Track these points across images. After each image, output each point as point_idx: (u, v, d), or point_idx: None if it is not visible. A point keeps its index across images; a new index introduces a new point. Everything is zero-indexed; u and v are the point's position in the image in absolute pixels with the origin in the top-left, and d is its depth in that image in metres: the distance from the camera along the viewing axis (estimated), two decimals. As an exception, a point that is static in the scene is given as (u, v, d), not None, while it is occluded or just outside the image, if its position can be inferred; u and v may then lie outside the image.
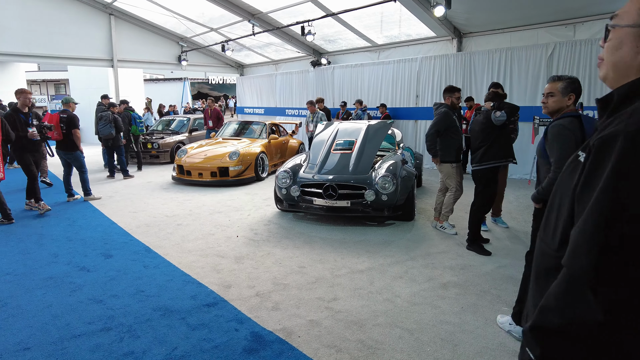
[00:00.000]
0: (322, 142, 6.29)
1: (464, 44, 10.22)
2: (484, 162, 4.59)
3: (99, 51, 13.96)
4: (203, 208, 6.72)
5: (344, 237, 5.21)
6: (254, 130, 10.33)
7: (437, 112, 5.07)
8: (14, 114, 6.18)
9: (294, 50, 13.64)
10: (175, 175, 8.76)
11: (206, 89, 34.50)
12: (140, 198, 7.50)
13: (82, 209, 6.75)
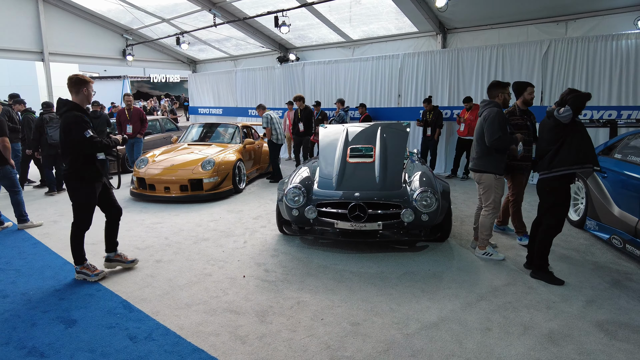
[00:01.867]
0: (333, 149, 5.14)
1: (448, 40, 9.51)
2: (553, 169, 3.71)
3: (25, 42, 11.65)
4: (182, 234, 5.29)
5: (380, 269, 4.11)
6: (223, 133, 8.88)
7: (488, 113, 4.10)
8: None
9: (257, 44, 12.26)
10: (134, 190, 7.13)
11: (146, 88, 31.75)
12: (94, 222, 5.81)
13: (17, 243, 5.04)
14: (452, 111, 9.23)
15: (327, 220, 4.41)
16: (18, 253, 4.69)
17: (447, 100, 9.28)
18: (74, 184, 3.86)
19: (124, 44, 13.62)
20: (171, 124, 12.19)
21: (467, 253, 4.57)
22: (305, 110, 8.95)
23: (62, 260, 4.45)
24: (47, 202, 7.15)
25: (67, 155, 3.83)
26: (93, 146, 3.82)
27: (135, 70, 33.76)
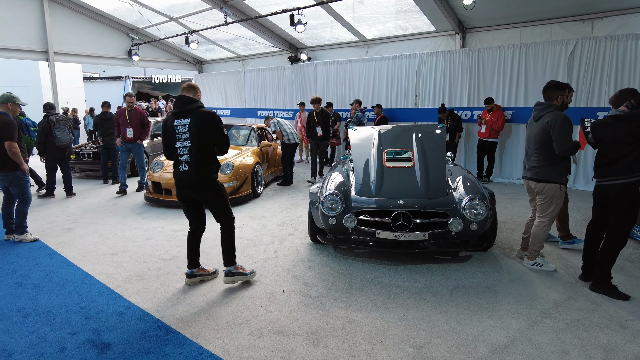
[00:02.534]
0: (366, 153, 4.83)
1: (467, 39, 9.23)
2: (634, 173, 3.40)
3: (30, 41, 11.28)
4: (207, 243, 4.96)
5: (428, 283, 3.81)
6: (237, 135, 8.57)
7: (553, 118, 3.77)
8: None
9: (267, 44, 11.95)
10: (149, 195, 6.80)
11: (147, 89, 31.28)
12: (110, 230, 5.54)
13: (32, 253, 4.71)
14: (472, 112, 8.95)
15: (367, 229, 4.11)
16: (35, 264, 4.36)
17: (466, 101, 9.00)
18: (216, 182, 3.71)
19: (130, 43, 13.27)
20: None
21: (514, 263, 4.28)
22: (322, 113, 8.33)
23: (82, 273, 4.13)
24: (58, 208, 6.81)
25: (204, 153, 3.57)
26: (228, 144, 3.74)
27: (136, 71, 33.39)
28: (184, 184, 3.64)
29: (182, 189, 3.69)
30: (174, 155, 3.63)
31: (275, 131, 8.06)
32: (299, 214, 6.18)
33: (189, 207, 3.81)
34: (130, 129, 7.51)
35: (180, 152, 3.58)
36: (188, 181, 3.59)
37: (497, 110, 8.26)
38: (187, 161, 3.57)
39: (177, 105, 3.59)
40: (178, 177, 3.66)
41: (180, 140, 3.57)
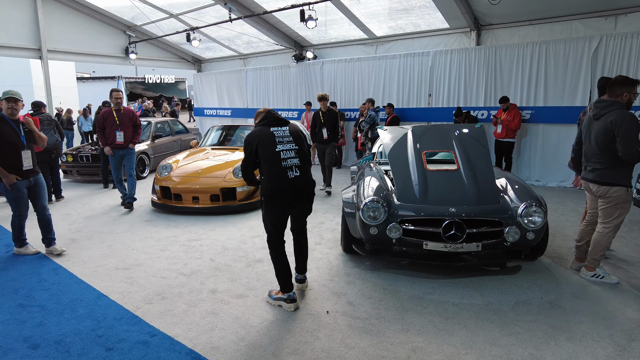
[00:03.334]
0: (403, 154, 4.41)
1: (482, 37, 8.89)
2: None
3: (22, 38, 10.67)
4: (228, 254, 4.51)
5: (485, 299, 3.41)
6: (240, 137, 8.10)
7: (619, 117, 3.40)
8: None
9: (270, 42, 11.49)
10: (157, 201, 6.30)
11: (140, 89, 30.56)
12: (119, 240, 5.05)
13: (34, 268, 4.20)
14: (488, 112, 8.60)
15: (413, 240, 3.69)
16: (38, 282, 3.86)
17: (482, 100, 8.66)
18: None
19: (127, 41, 12.70)
20: (180, 126, 11.33)
21: (569, 274, 3.90)
22: (330, 113, 7.33)
23: (93, 292, 3.64)
24: (58, 215, 6.27)
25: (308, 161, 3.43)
26: None
27: (129, 71, 32.64)
28: (296, 192, 3.22)
29: (289, 197, 3.20)
30: (275, 161, 3.16)
31: None
32: (320, 220, 5.74)
33: (284, 219, 3.31)
34: (120, 133, 6.24)
35: (286, 155, 3.19)
36: (301, 187, 3.23)
37: (513, 109, 7.92)
38: (297, 165, 3.21)
39: (269, 117, 3.37)
40: (286, 184, 3.16)
41: (284, 143, 3.21)
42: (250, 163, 3.29)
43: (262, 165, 3.22)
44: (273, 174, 3.17)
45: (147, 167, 9.24)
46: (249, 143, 3.25)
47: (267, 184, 3.19)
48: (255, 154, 3.22)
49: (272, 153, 3.18)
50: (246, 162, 3.31)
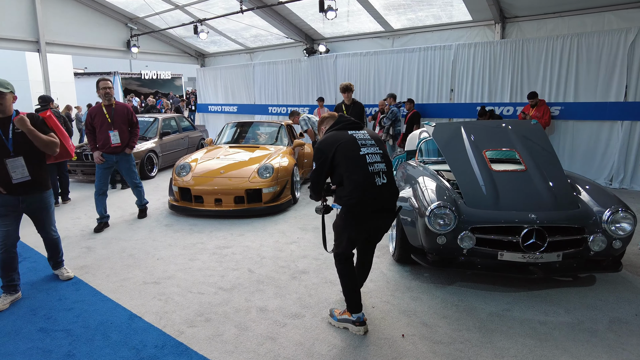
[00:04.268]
0: (460, 153, 3.98)
1: (507, 30, 8.48)
2: None
3: (19, 30, 10.02)
4: (267, 264, 4.05)
5: (573, 317, 3.00)
6: (264, 134, 7.62)
7: None
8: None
9: (280, 35, 10.97)
10: (174, 203, 5.80)
11: (135, 85, 29.75)
12: (140, 248, 4.55)
13: (51, 282, 3.71)
14: (514, 108, 8.22)
15: (486, 250, 3.27)
16: (58, 300, 3.36)
17: (508, 96, 8.26)
18: None
19: (128, 34, 12.08)
20: (186, 122, 10.78)
21: (651, 286, 3.51)
22: (356, 106, 6.50)
23: (124, 312, 3.16)
24: (67, 220, 5.74)
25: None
26: None
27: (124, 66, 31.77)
28: (385, 202, 2.79)
29: (377, 207, 2.75)
30: (360, 166, 2.74)
31: (307, 130, 7.14)
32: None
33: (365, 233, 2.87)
34: (115, 132, 5.03)
35: (372, 159, 2.76)
36: (390, 197, 2.81)
37: (542, 105, 7.54)
38: (383, 171, 2.78)
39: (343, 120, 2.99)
40: (374, 192, 2.72)
41: (367, 146, 2.81)
42: (323, 173, 2.83)
43: (343, 172, 2.75)
44: (358, 180, 2.71)
45: (156, 166, 8.71)
46: (322, 150, 2.81)
47: (351, 192, 2.71)
48: (330, 161, 2.77)
49: (356, 157, 2.75)
50: (318, 173, 2.84)
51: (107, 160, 5.09)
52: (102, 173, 5.11)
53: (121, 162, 5.23)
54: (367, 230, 2.84)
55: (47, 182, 3.47)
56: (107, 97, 5.03)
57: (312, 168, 2.95)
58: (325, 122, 3.17)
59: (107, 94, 4.99)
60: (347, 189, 2.74)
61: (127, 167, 5.30)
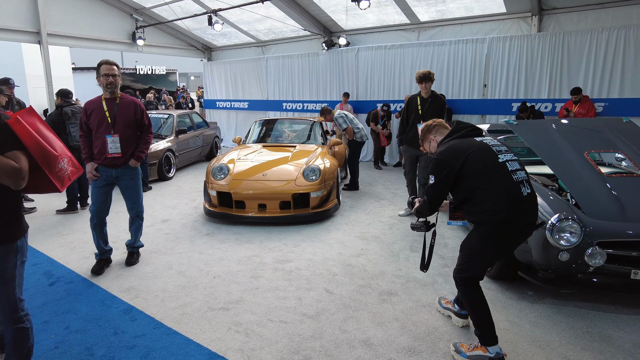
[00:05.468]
0: (559, 155, 3.50)
1: (543, 23, 8.05)
2: None
3: (19, 20, 9.22)
4: (344, 283, 3.53)
5: None
6: (297, 132, 7.08)
7: None
8: None
9: (296, 27, 10.37)
10: (213, 209, 5.22)
11: (128, 81, 28.70)
12: (187, 262, 3.98)
13: (96, 307, 3.12)
14: (552, 104, 7.81)
15: (616, 268, 2.81)
16: (114, 334, 2.79)
17: (545, 92, 7.85)
18: None
19: (134, 25, 11.32)
20: (200, 119, 10.14)
21: None
22: (435, 101, 4.99)
23: (202, 351, 2.61)
24: (92, 227, 5.12)
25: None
26: None
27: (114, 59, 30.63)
28: (532, 215, 2.37)
29: (527, 221, 2.35)
30: (502, 175, 2.32)
31: (346, 128, 6.60)
32: (415, 230, 4.80)
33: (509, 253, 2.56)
34: (114, 138, 3.61)
35: (512, 166, 2.37)
36: (536, 208, 2.40)
37: (586, 102, 7.15)
38: (526, 180, 2.38)
39: (464, 127, 2.58)
40: (522, 206, 2.30)
41: (502, 152, 2.42)
42: (446, 187, 2.43)
43: (477, 184, 2.32)
44: (502, 191, 2.27)
45: (173, 166, 8.08)
46: (445, 161, 2.39)
47: (495, 205, 2.26)
48: (456, 174, 2.35)
49: (494, 166, 2.32)
50: (440, 187, 2.43)
51: (103, 175, 3.66)
52: (98, 193, 3.68)
53: (123, 178, 3.74)
54: (513, 248, 2.40)
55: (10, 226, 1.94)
56: (111, 88, 3.59)
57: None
58: (434, 130, 2.73)
59: (110, 83, 3.57)
60: (488, 202, 2.28)
61: (130, 186, 3.78)
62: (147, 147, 3.86)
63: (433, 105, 4.93)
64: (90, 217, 3.73)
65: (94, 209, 3.72)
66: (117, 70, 3.63)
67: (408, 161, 5.22)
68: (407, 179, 5.32)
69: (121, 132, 3.65)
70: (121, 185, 3.78)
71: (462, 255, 2.51)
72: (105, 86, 3.59)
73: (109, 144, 3.61)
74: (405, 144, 5.19)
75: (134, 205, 3.88)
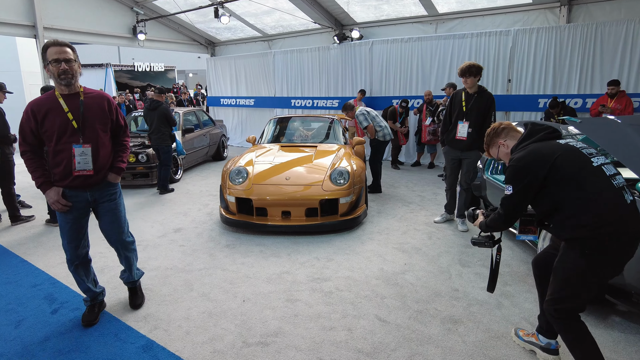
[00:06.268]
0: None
1: (573, 14, 7.55)
2: None
3: (13, 12, 8.63)
4: (395, 306, 3.02)
5: None
6: (309, 131, 6.55)
7: None
8: None
9: (306, 20, 9.83)
10: (231, 217, 4.69)
11: (125, 78, 27.99)
12: (211, 282, 3.47)
13: (118, 351, 2.60)
14: (583, 100, 7.32)
15: None
16: (135, 380, 2.27)
17: (576, 86, 7.36)
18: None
19: (134, 19, 10.73)
20: (206, 117, 9.60)
21: None
22: (482, 97, 4.40)
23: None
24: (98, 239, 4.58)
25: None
26: None
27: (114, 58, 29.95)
28: (638, 225, 1.93)
29: (631, 234, 1.91)
30: (600, 181, 1.95)
31: (367, 126, 6.09)
32: (459, 241, 4.31)
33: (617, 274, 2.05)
34: (84, 148, 2.61)
35: (610, 170, 1.98)
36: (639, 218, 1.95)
37: (623, 97, 6.65)
38: (625, 185, 1.99)
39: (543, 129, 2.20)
40: (629, 216, 1.90)
41: (594, 155, 2.04)
42: (528, 197, 2.07)
43: (569, 194, 1.96)
44: (603, 201, 1.90)
45: (181, 167, 7.54)
46: (528, 168, 2.03)
47: (597, 219, 1.89)
48: (541, 182, 2.01)
49: (589, 171, 1.96)
50: (521, 198, 2.07)
51: (75, 203, 2.66)
52: (72, 229, 2.70)
53: (101, 200, 2.75)
54: (622, 266, 1.96)
55: None
56: (66, 79, 2.51)
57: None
58: (503, 133, 2.36)
59: (64, 71, 2.48)
60: (586, 214, 1.91)
61: (109, 209, 2.78)
62: (127, 154, 2.92)
63: (479, 102, 4.36)
64: (67, 257, 2.76)
65: (71, 250, 2.73)
66: (72, 54, 2.52)
67: (450, 164, 4.67)
68: (447, 183, 4.80)
69: (93, 139, 2.63)
70: (97, 210, 2.78)
71: (557, 282, 2.06)
72: (58, 77, 2.49)
73: (76, 158, 2.57)
74: (448, 145, 4.63)
75: (114, 233, 2.83)
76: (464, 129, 4.40)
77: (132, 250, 3.02)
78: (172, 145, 6.50)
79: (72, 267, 2.79)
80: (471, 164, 4.49)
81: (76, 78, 2.57)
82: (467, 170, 4.53)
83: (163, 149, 6.38)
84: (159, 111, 6.26)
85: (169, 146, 6.41)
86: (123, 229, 2.89)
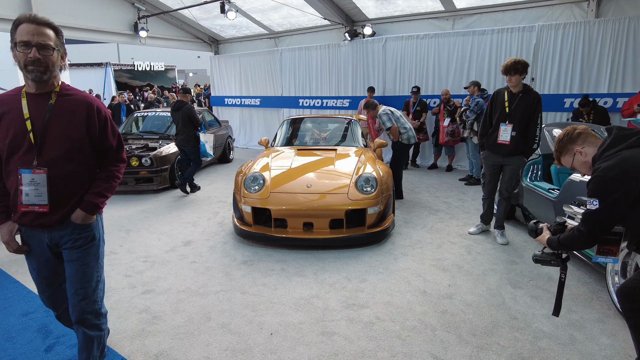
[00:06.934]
0: None
1: (601, 8, 7.10)
2: None
3: (9, 7, 8.14)
4: (449, 340, 2.57)
5: None
6: (322, 134, 6.09)
7: None
8: None
9: (316, 16, 9.36)
10: (244, 228, 4.22)
11: (125, 78, 27.46)
12: (230, 309, 3.01)
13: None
14: (614, 99, 6.89)
15: None
16: None
17: (605, 85, 6.92)
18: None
19: (136, 15, 10.23)
20: (211, 117, 9.13)
21: None
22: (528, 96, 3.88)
23: None
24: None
25: None
26: None
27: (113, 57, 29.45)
28: None
29: None
30: None
31: (390, 127, 5.64)
32: (502, 256, 3.86)
33: None
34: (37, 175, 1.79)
35: None
36: None
37: (659, 95, 6.24)
38: None
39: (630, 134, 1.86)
40: None
41: None
42: (616, 215, 1.80)
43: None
44: None
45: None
46: (616, 180, 1.75)
47: None
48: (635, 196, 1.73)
49: None
50: (608, 214, 1.80)
51: (33, 246, 1.96)
52: (38, 276, 2.04)
53: (64, 245, 1.94)
54: None
55: None
56: (35, 72, 1.75)
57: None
58: (580, 139, 2.02)
59: (36, 61, 1.73)
60: None
61: (74, 258, 1.96)
62: (113, 186, 2.00)
63: (524, 103, 3.86)
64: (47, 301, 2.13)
65: (44, 300, 2.11)
66: (52, 38, 1.77)
67: (489, 170, 4.18)
68: (485, 191, 4.32)
69: (53, 162, 1.82)
70: (66, 261, 1.97)
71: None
72: (24, 67, 1.74)
73: (24, 187, 1.80)
74: (487, 149, 4.14)
75: (74, 295, 1.96)
76: (507, 132, 3.92)
77: (101, 329, 2.08)
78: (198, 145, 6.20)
79: (55, 315, 2.21)
80: (514, 171, 4.03)
81: (52, 72, 1.79)
82: (509, 177, 4.06)
83: (189, 149, 6.08)
84: (183, 111, 5.96)
85: (194, 147, 6.10)
86: (88, 291, 1.95)
